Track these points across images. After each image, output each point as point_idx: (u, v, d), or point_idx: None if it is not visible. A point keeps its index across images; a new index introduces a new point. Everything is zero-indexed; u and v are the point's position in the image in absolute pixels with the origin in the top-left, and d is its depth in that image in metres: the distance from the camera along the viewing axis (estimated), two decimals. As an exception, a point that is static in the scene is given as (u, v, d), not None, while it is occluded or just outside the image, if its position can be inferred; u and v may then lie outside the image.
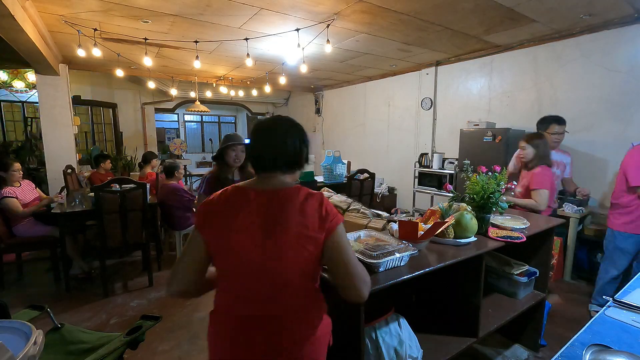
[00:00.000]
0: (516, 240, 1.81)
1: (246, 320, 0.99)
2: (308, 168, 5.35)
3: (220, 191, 1.05)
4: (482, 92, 4.66)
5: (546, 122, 3.00)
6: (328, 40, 3.56)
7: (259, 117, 10.60)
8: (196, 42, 4.07)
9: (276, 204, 0.97)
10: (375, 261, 1.34)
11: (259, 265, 0.95)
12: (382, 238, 1.60)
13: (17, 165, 3.37)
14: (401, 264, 1.43)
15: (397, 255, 1.39)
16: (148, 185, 3.38)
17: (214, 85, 6.96)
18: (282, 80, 5.18)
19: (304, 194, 0.99)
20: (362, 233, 1.70)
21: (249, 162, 1.21)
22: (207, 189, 2.23)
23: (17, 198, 3.24)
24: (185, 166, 7.44)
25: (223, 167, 2.28)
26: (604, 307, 1.22)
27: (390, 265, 1.39)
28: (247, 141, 2.15)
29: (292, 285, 0.98)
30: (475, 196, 1.92)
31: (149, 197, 3.40)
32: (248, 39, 3.90)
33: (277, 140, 1.01)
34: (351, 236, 1.61)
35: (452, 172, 4.66)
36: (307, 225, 0.94)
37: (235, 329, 0.99)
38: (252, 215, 0.97)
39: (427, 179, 5.03)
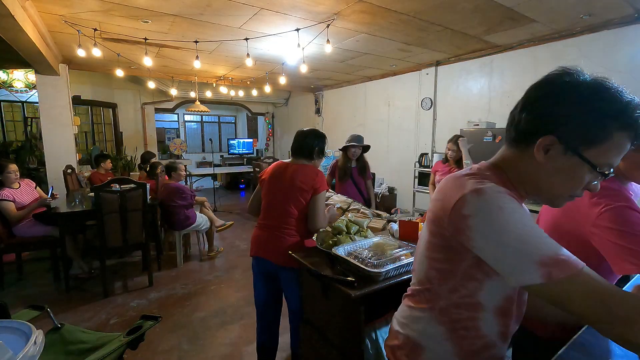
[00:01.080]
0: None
1: (263, 226, 1.92)
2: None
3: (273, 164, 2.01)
4: (482, 92, 4.66)
5: None
6: (328, 40, 3.56)
7: (258, 116, 10.62)
8: (196, 42, 4.07)
9: (294, 170, 1.87)
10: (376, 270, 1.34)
11: (275, 199, 1.88)
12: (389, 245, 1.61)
13: (13, 167, 3.31)
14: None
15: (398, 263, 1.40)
16: (148, 185, 3.38)
17: (214, 85, 6.96)
18: (282, 80, 5.18)
19: (310, 169, 1.87)
20: (376, 239, 1.73)
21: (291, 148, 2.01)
22: (330, 172, 3.39)
23: (14, 200, 3.22)
24: (185, 166, 7.43)
25: (345, 158, 3.31)
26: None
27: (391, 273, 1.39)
28: (365, 143, 3.30)
29: (286, 212, 1.84)
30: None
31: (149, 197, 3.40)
32: (248, 39, 3.90)
33: (301, 140, 1.94)
34: (366, 242, 1.71)
35: (452, 172, 4.65)
36: (304, 183, 1.82)
37: (257, 231, 1.94)
38: (282, 174, 1.89)
39: (427, 179, 5.02)
